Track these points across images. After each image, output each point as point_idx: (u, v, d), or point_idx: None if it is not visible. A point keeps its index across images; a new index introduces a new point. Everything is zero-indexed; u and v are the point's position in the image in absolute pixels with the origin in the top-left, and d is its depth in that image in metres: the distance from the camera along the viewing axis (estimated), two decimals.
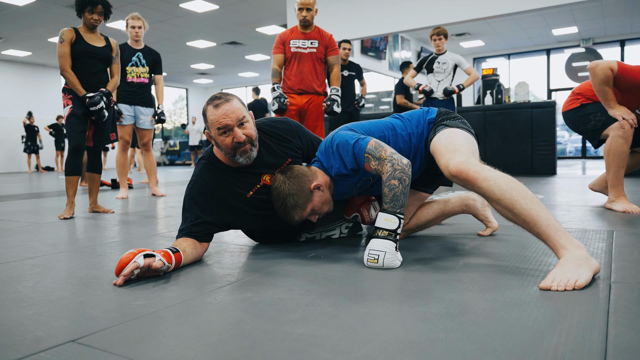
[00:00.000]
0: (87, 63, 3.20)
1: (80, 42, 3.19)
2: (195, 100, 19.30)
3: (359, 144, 1.71)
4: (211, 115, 1.68)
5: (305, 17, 3.82)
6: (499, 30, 11.74)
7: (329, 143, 1.83)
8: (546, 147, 6.07)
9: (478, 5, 6.76)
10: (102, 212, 3.36)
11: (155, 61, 4.57)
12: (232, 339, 1.00)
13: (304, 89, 3.89)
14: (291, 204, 1.73)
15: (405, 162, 1.63)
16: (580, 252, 1.34)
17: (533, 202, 1.41)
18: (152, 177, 4.74)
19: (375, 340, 0.97)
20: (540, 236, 1.40)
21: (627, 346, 0.91)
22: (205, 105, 1.73)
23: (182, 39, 11.73)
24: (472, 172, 1.50)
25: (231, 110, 1.67)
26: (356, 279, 1.45)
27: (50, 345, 0.99)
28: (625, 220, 2.40)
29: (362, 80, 5.98)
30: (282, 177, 1.76)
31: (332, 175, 1.82)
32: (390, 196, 1.59)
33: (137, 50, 4.45)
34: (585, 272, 1.29)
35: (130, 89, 4.43)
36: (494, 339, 0.96)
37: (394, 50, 11.93)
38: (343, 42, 5.76)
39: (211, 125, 1.69)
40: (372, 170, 1.69)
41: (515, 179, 1.51)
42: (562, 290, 1.25)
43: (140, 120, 4.52)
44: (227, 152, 1.72)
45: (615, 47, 12.30)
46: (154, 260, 1.45)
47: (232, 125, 1.67)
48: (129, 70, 4.41)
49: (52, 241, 2.27)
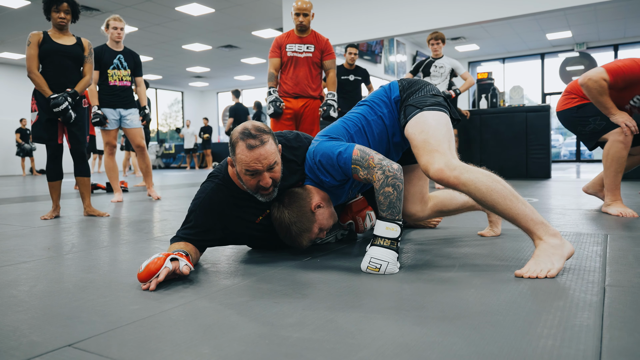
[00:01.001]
0: (57, 62, 3.17)
1: (48, 42, 3.16)
2: (191, 103, 19.27)
3: (343, 156, 1.66)
4: (242, 155, 1.58)
5: (302, 22, 3.84)
6: (494, 34, 11.81)
7: (310, 159, 1.77)
8: (541, 151, 6.10)
9: (473, 10, 6.80)
10: (97, 216, 3.35)
11: (136, 63, 4.47)
12: (228, 343, 1.00)
13: (299, 93, 3.89)
14: (296, 232, 1.70)
15: (396, 167, 1.62)
16: (554, 241, 1.49)
17: (512, 201, 1.51)
18: (148, 178, 4.68)
19: (371, 344, 0.97)
20: (521, 229, 1.55)
21: (622, 349, 0.92)
22: (237, 137, 1.61)
23: (178, 42, 11.72)
24: (452, 179, 1.55)
25: (264, 156, 1.58)
26: (352, 282, 1.45)
27: (46, 350, 0.99)
28: (620, 224, 2.42)
29: (369, 85, 5.95)
30: (280, 207, 1.71)
31: (325, 187, 1.79)
32: (387, 204, 1.58)
33: (117, 53, 4.33)
34: (557, 260, 1.46)
35: (112, 93, 4.31)
36: (489, 342, 0.96)
37: (390, 54, 11.96)
38: (349, 47, 5.75)
39: (239, 163, 1.61)
40: (362, 180, 1.66)
41: (493, 176, 1.55)
42: (534, 277, 1.42)
43: (126, 121, 4.40)
44: (250, 189, 1.66)
45: (609, 52, 12.39)
46: (178, 264, 1.45)
47: (261, 170, 1.60)
48: (111, 74, 4.28)
49: (46, 245, 2.26)
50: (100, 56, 4.25)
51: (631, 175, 5.46)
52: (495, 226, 2.18)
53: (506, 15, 6.64)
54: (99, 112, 4.22)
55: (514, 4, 6.53)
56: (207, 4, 8.96)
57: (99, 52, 4.26)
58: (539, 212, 1.54)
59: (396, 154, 1.92)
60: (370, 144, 1.83)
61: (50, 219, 3.23)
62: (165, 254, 1.46)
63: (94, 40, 4.16)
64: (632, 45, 12.32)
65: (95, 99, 4.26)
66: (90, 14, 9.23)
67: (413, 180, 2.00)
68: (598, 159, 12.05)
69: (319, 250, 1.95)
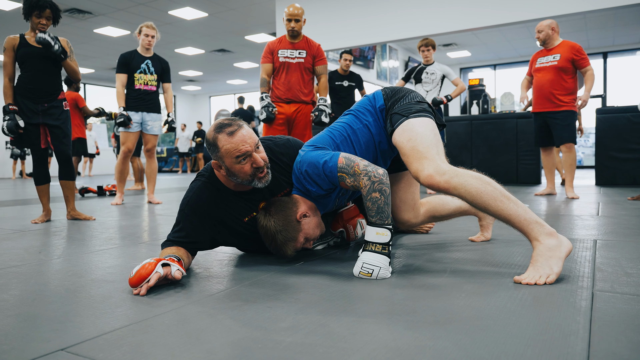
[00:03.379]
0: (35, 65, 3.14)
1: (25, 45, 3.13)
2: (183, 107, 19.22)
3: (329, 165, 1.66)
4: (227, 143, 1.59)
5: (293, 27, 3.86)
6: (485, 41, 11.91)
7: (296, 170, 1.77)
8: (531, 157, 6.16)
9: (465, 17, 6.86)
10: (82, 219, 3.33)
11: (164, 69, 4.55)
12: (221, 348, 1.01)
13: (291, 98, 3.91)
14: (281, 241, 1.70)
15: (382, 172, 1.62)
16: (551, 242, 1.48)
17: (503, 202, 1.52)
18: (151, 184, 4.67)
19: (364, 349, 0.98)
20: (516, 229, 1.54)
21: (609, 353, 0.93)
22: (213, 134, 1.63)
23: (171, 46, 11.70)
24: (442, 183, 1.57)
25: (248, 136, 1.61)
26: (345, 287, 1.46)
27: (39, 355, 0.99)
28: (609, 230, 2.45)
29: (362, 90, 5.98)
30: (266, 215, 1.70)
31: (312, 197, 1.79)
32: (375, 209, 1.59)
33: (146, 58, 4.41)
34: (555, 263, 1.46)
35: (137, 96, 4.38)
36: (480, 346, 0.97)
37: (382, 60, 12.03)
38: (344, 54, 5.77)
39: (226, 155, 1.60)
40: (350, 187, 1.67)
41: (484, 177, 1.57)
42: (533, 284, 1.41)
43: (147, 125, 4.47)
44: (245, 179, 1.65)
45: (598, 59, 12.54)
46: (170, 269, 1.45)
47: (251, 150, 1.61)
48: (137, 77, 4.36)
49: (37, 249, 2.24)
50: (129, 60, 4.34)
51: (621, 182, 5.52)
52: (486, 231, 2.21)
53: (497, 23, 6.72)
54: (124, 113, 4.28)
55: (505, 12, 6.61)
56: (200, 8, 8.96)
57: (129, 57, 4.36)
58: None
59: (384, 162, 1.93)
60: (357, 153, 1.83)
61: (41, 222, 3.21)
62: (157, 259, 1.46)
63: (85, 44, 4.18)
64: (621, 53, 12.49)
65: (122, 100, 4.33)
66: (82, 17, 9.20)
67: (404, 188, 2.01)
68: (587, 164, 12.18)
69: (312, 256, 1.96)
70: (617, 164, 5.57)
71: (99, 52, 11.99)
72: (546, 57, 4.36)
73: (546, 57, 4.36)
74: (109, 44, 11.12)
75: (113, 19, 9.41)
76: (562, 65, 4.25)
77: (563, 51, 4.26)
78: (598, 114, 5.72)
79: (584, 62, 4.22)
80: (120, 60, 4.38)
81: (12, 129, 3.03)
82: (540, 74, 4.39)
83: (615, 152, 5.57)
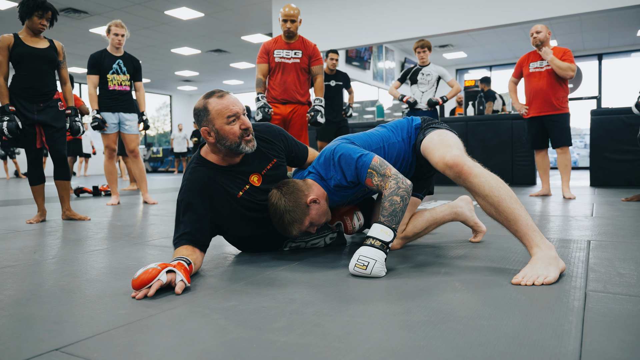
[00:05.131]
0: (31, 66, 3.13)
1: (20, 45, 3.12)
2: (179, 107, 19.18)
3: (363, 160, 1.74)
4: (217, 105, 1.69)
5: (289, 28, 3.85)
6: (481, 42, 11.95)
7: (329, 154, 1.84)
8: (526, 158, 6.18)
9: (461, 18, 6.89)
10: (77, 219, 3.32)
11: (136, 68, 4.51)
12: (216, 348, 1.01)
13: (287, 99, 3.91)
14: (288, 220, 1.75)
15: (409, 183, 1.69)
16: (551, 252, 1.51)
17: (516, 203, 1.56)
18: (143, 184, 4.66)
19: (358, 348, 0.99)
20: (517, 234, 1.57)
21: (601, 353, 0.94)
22: (203, 101, 1.73)
23: (167, 46, 11.68)
24: (466, 167, 1.63)
25: (236, 100, 1.73)
26: (340, 287, 1.47)
27: (33, 355, 0.99)
28: (603, 231, 2.47)
29: (349, 89, 5.97)
30: (278, 193, 1.76)
31: (331, 185, 1.84)
32: (390, 210, 1.62)
33: (117, 58, 4.37)
34: (553, 270, 1.46)
35: (112, 97, 4.35)
36: (473, 346, 0.98)
37: (378, 61, 12.05)
38: (330, 53, 5.77)
39: (218, 116, 1.69)
40: (374, 186, 1.72)
41: (502, 180, 1.62)
42: (531, 284, 1.41)
43: (125, 126, 4.45)
44: (234, 141, 1.72)
45: (593, 61, 12.60)
46: (175, 277, 1.43)
47: (240, 112, 1.72)
48: (110, 78, 4.33)
49: (32, 249, 2.24)
50: (100, 61, 4.29)
51: (615, 183, 5.55)
52: (479, 226, 2.19)
53: (493, 24, 6.75)
54: (97, 117, 4.25)
55: (500, 14, 6.64)
56: (196, 8, 8.95)
57: (99, 57, 4.31)
58: None
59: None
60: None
61: (36, 222, 3.20)
62: (163, 264, 1.44)
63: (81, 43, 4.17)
64: (616, 55, 12.55)
65: (94, 103, 4.30)
66: (78, 17, 9.18)
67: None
68: (582, 166, 12.23)
69: (307, 254, 1.96)
70: (611, 165, 5.59)
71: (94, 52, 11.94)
72: (540, 62, 4.40)
73: (540, 62, 4.40)
74: (104, 43, 11.03)
75: (109, 18, 9.37)
76: None
77: (556, 56, 4.32)
78: (593, 116, 5.74)
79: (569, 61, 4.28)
80: (90, 61, 4.31)
81: (12, 130, 3.02)
82: (536, 78, 4.42)
83: (609, 154, 5.60)
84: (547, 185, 4.63)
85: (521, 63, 4.57)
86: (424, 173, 2.03)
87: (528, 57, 4.52)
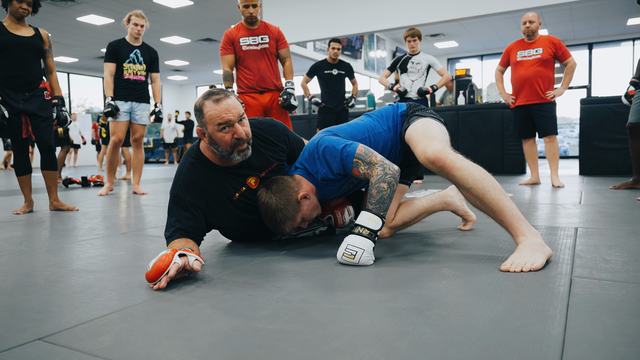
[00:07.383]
0: (16, 54, 3.08)
1: (4, 33, 3.06)
2: (169, 97, 19.03)
3: (347, 150, 1.72)
4: (211, 110, 1.61)
5: (252, 13, 3.70)
6: (472, 31, 11.94)
7: (313, 148, 1.82)
8: (516, 147, 6.20)
9: (452, 7, 6.87)
10: (65, 210, 3.29)
11: (153, 59, 4.50)
12: (201, 336, 1.00)
13: (264, 86, 3.78)
14: (281, 218, 1.73)
15: (396, 169, 1.68)
16: (537, 239, 1.52)
17: (501, 193, 1.56)
18: (137, 174, 4.63)
19: (343, 335, 0.99)
20: (503, 224, 1.57)
21: (585, 337, 0.95)
22: (201, 100, 1.65)
23: (156, 35, 11.55)
24: (448, 161, 1.61)
25: (232, 106, 1.63)
26: (327, 275, 1.47)
27: (15, 344, 0.98)
28: (590, 218, 2.48)
29: (353, 79, 5.91)
30: (268, 192, 1.73)
31: (318, 180, 1.82)
32: (377, 198, 1.61)
33: (134, 47, 4.36)
34: (540, 256, 1.48)
35: (126, 86, 4.34)
36: (457, 331, 0.98)
37: (370, 50, 12.00)
38: (332, 42, 5.70)
39: (210, 121, 1.62)
40: (361, 175, 1.70)
41: (485, 170, 1.61)
42: (519, 271, 1.42)
43: (136, 115, 4.44)
44: (225, 149, 1.66)
45: (584, 50, 12.64)
46: (187, 260, 1.39)
47: (233, 120, 1.62)
48: (126, 67, 4.32)
49: (18, 240, 2.22)
50: (118, 49, 4.30)
51: (604, 171, 5.60)
52: (469, 215, 2.21)
53: (484, 13, 6.73)
54: (112, 103, 4.23)
55: (492, 2, 6.62)
56: None
57: (117, 45, 4.31)
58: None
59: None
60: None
61: (23, 213, 3.17)
62: (173, 249, 1.41)
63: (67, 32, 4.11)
64: (606, 44, 12.60)
65: (110, 90, 4.29)
66: (65, 5, 9.04)
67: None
68: (572, 155, 12.32)
69: (296, 244, 1.96)
70: (600, 153, 5.63)
71: (82, 41, 11.79)
72: (528, 51, 4.42)
73: (528, 51, 4.42)
74: (92, 32, 10.94)
75: (96, 7, 9.25)
76: (545, 58, 4.35)
77: (544, 45, 4.35)
78: (582, 105, 5.77)
79: (565, 55, 4.33)
80: (108, 49, 4.32)
81: None
82: (524, 67, 4.43)
83: (599, 142, 5.63)
84: (536, 174, 4.66)
85: (509, 51, 4.58)
86: (411, 160, 2.02)
87: (516, 45, 4.53)
